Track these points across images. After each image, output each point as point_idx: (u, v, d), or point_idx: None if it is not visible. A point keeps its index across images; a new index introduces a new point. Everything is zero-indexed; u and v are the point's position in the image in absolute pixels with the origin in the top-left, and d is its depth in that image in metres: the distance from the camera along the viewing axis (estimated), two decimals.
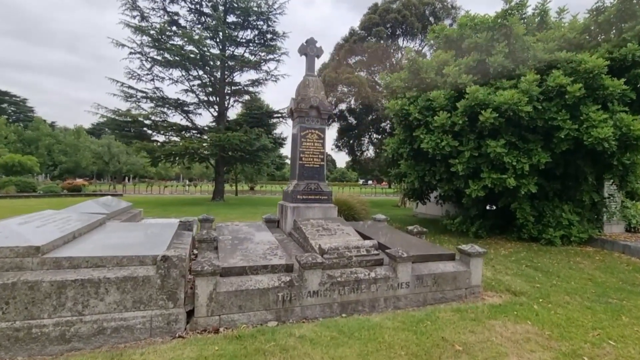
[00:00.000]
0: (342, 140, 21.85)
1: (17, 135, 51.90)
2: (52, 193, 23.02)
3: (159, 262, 3.38)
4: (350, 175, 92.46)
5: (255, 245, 4.71)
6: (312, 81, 6.31)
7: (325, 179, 6.31)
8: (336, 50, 19.78)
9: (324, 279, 3.94)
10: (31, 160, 24.82)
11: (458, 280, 4.58)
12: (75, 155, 57.19)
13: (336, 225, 5.46)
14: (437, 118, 7.96)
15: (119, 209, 6.86)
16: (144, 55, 16.82)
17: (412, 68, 8.93)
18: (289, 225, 5.87)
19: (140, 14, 16.43)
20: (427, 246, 5.19)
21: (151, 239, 4.42)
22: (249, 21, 18.32)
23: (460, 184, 8.39)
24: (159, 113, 18.70)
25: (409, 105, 8.62)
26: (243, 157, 21.11)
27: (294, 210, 5.84)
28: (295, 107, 6.04)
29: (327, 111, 6.25)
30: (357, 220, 9.68)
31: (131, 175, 72.29)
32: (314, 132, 6.20)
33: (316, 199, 6.10)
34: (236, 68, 19.39)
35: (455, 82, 8.31)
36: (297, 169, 6.11)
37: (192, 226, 5.89)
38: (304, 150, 6.13)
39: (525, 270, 5.96)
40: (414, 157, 9.47)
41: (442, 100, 8.12)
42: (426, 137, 8.23)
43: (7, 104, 60.09)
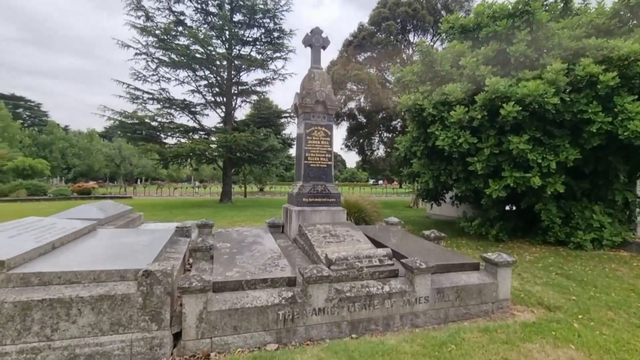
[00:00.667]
0: (352, 140, 21.30)
1: (32, 139, 52.95)
2: (62, 196, 23.05)
3: (140, 277, 2.94)
4: (360, 176, 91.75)
5: (255, 255, 4.25)
6: (318, 74, 5.82)
7: (333, 180, 5.82)
8: (344, 47, 19.24)
9: (331, 294, 3.45)
10: (42, 164, 24.97)
11: (484, 294, 4.03)
12: (88, 159, 58.03)
13: (345, 231, 4.96)
14: (454, 113, 7.39)
15: (116, 213, 6.49)
16: (149, 56, 16.62)
17: (425, 60, 8.37)
18: (294, 231, 5.39)
19: (145, 14, 16.22)
20: (448, 254, 4.65)
21: (140, 249, 3.99)
22: (255, 19, 17.96)
23: (479, 183, 7.80)
24: (166, 114, 18.49)
25: (422, 100, 8.06)
26: (251, 158, 20.77)
27: (299, 215, 5.36)
28: (300, 102, 5.56)
29: (335, 106, 5.75)
30: (369, 224, 9.16)
31: (143, 178, 73.10)
32: (320, 129, 5.72)
33: (323, 201, 5.61)
34: (243, 67, 19.06)
35: (472, 74, 7.73)
36: (302, 169, 5.64)
37: (189, 232, 5.47)
38: (310, 149, 5.65)
39: (557, 279, 5.36)
40: (428, 156, 8.91)
41: (458, 93, 7.54)
42: (442, 133, 7.67)
43: (23, 109, 61.35)
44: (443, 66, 8.22)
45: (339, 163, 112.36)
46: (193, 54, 16.05)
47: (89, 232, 4.68)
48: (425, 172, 8.91)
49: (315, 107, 5.68)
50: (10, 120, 48.24)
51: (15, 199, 20.89)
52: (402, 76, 8.74)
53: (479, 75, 7.59)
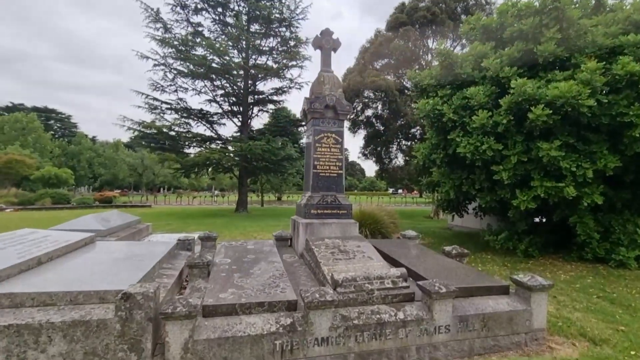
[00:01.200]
0: (369, 148, 20.81)
1: (62, 150, 55.21)
2: (84, 205, 23.60)
3: (119, 301, 2.62)
4: (379, 185, 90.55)
5: (255, 272, 3.88)
6: (328, 77, 5.48)
7: (343, 190, 5.41)
8: (361, 54, 18.94)
9: (337, 322, 3.02)
10: (67, 173, 25.77)
11: (515, 323, 3.49)
12: (113, 168, 59.95)
13: (356, 246, 4.53)
14: (476, 118, 6.86)
15: (121, 224, 6.31)
16: (167, 67, 16.84)
17: (444, 63, 7.90)
18: (301, 245, 5.00)
19: (164, 25, 16.49)
20: (472, 275, 4.13)
21: (131, 265, 3.70)
22: (272, 28, 17.96)
23: (505, 194, 7.19)
24: (183, 124, 18.64)
25: (442, 104, 7.58)
26: (267, 167, 20.63)
27: (306, 228, 4.97)
28: (308, 107, 5.22)
29: (345, 111, 5.38)
30: (385, 236, 8.67)
31: (165, 186, 74.81)
32: (330, 136, 5.34)
33: (333, 213, 5.20)
34: (259, 77, 19.05)
35: (496, 76, 7.20)
36: (310, 178, 5.26)
37: (192, 245, 5.17)
38: (319, 156, 5.27)
39: (599, 304, 4.71)
40: (449, 164, 8.36)
41: (481, 97, 7.02)
42: (463, 140, 7.14)
43: (54, 121, 64.30)
44: (464, 69, 7.72)
45: (358, 172, 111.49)
46: (209, 63, 16.14)
47: (85, 245, 4.45)
48: (445, 182, 8.36)
49: (324, 112, 5.32)
50: (42, 131, 50.66)
51: (40, 207, 21.53)
52: (419, 80, 8.29)
53: (504, 77, 7.06)
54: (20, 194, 23.10)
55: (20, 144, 43.15)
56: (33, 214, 18.02)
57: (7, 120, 47.53)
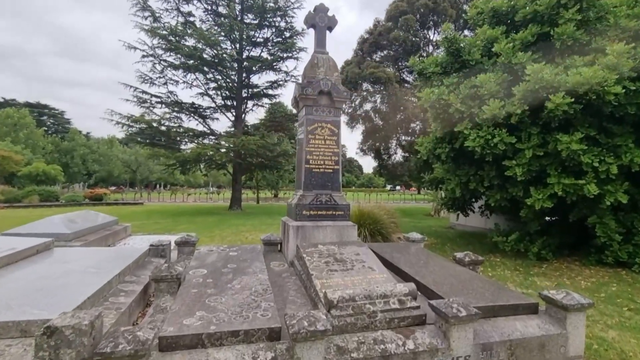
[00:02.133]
0: (368, 144, 20.15)
1: (55, 146, 54.21)
2: (74, 202, 22.84)
3: (40, 337, 1.96)
4: (377, 181, 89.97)
5: (234, 287, 3.23)
6: (323, 60, 4.81)
7: (340, 188, 4.76)
8: (359, 45, 18.19)
9: (331, 355, 2.39)
10: (55, 170, 24.99)
11: (547, 350, 2.88)
12: (107, 165, 59.03)
13: (354, 254, 3.89)
14: (487, 108, 6.22)
15: (91, 226, 5.64)
16: (156, 58, 16.08)
17: (451, 49, 7.24)
18: (291, 252, 4.36)
19: (152, 14, 15.70)
20: (491, 288, 3.50)
21: (81, 280, 3.05)
22: (266, 18, 17.19)
23: (517, 191, 6.57)
24: (174, 118, 17.91)
25: (448, 94, 6.93)
26: (263, 163, 19.99)
27: (297, 231, 4.33)
28: (300, 93, 4.55)
29: (342, 98, 4.72)
30: (386, 238, 8.05)
31: (162, 183, 73.88)
32: (325, 126, 4.69)
33: (328, 215, 4.56)
34: (253, 70, 18.33)
35: (508, 63, 6.55)
36: (302, 175, 4.61)
37: (166, 252, 4.52)
38: (312, 150, 4.62)
39: (633, 319, 4.10)
40: (454, 159, 7.73)
41: (492, 85, 6.38)
42: (472, 132, 6.51)
43: (47, 117, 63.20)
44: (472, 55, 7.07)
45: (356, 168, 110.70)
46: (199, 53, 15.40)
47: (37, 254, 3.79)
48: (451, 178, 7.74)
49: (318, 99, 4.66)
50: (33, 127, 49.67)
51: (27, 205, 20.75)
52: (423, 68, 7.63)
53: (517, 63, 6.42)
54: (6, 191, 22.31)
55: (11, 140, 42.25)
56: (17, 211, 17.29)
57: None
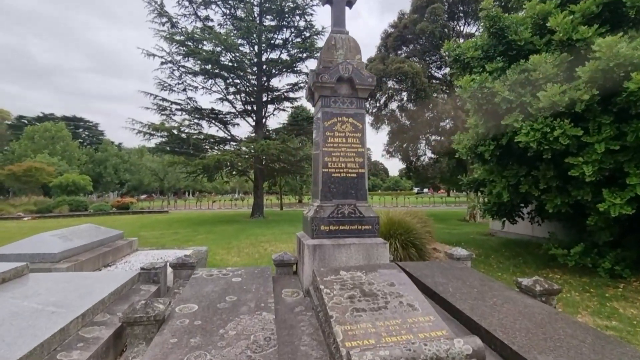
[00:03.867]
0: (394, 145, 19.01)
1: (89, 157, 56.55)
2: (101, 212, 23.18)
3: None
4: (404, 184, 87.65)
5: (228, 334, 2.41)
6: (342, 40, 3.95)
7: (367, 197, 3.85)
8: (383, 40, 17.20)
9: None
10: (85, 180, 25.59)
11: None
12: (138, 173, 60.92)
13: (387, 284, 2.97)
14: (543, 95, 5.12)
15: (86, 244, 5.04)
16: (175, 64, 15.85)
17: (493, 28, 6.17)
18: (307, 277, 3.49)
19: (169, 20, 15.48)
20: (587, 337, 2.47)
21: (32, 324, 2.32)
22: (284, 19, 16.59)
23: (583, 195, 5.39)
24: (194, 125, 17.63)
25: (492, 81, 5.86)
26: (285, 168, 19.37)
27: (314, 253, 3.46)
28: (315, 80, 3.71)
29: (367, 85, 3.82)
30: (420, 250, 7.01)
31: (190, 191, 75.45)
32: (347, 121, 3.81)
33: (352, 230, 3.66)
34: (273, 72, 17.78)
35: (567, 40, 5.42)
36: (320, 181, 3.75)
37: (159, 277, 3.78)
38: (331, 150, 3.75)
39: None
40: (500, 158, 6.61)
41: (548, 67, 5.27)
42: (524, 125, 5.40)
43: (82, 129, 66.21)
44: (520, 35, 5.97)
45: (381, 172, 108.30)
46: (216, 57, 14.98)
47: (3, 283, 3.15)
48: (496, 181, 6.62)
49: (337, 87, 3.80)
50: (69, 139, 52.07)
51: (57, 215, 21.20)
52: (461, 53, 6.59)
53: (579, 39, 5.27)
54: (39, 201, 22.96)
55: (48, 152, 44.32)
56: (45, 222, 17.53)
57: (37, 129, 49.04)
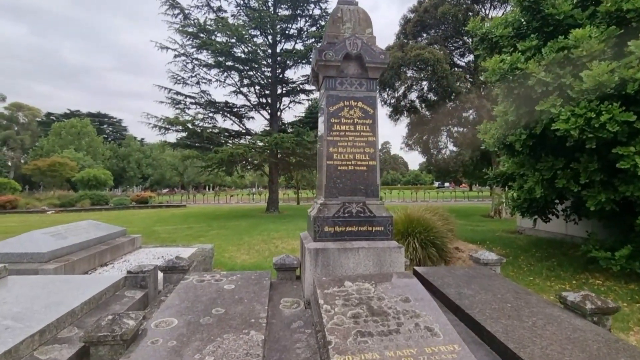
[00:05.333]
0: (414, 137, 18.20)
1: (113, 152, 58.15)
2: (122, 205, 23.58)
3: None
4: (424, 178, 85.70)
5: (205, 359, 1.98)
6: (349, 12, 3.42)
7: (378, 193, 3.33)
8: (402, 27, 16.32)
9: None
10: (105, 174, 26.11)
11: None
12: (160, 168, 62.22)
13: (401, 299, 2.46)
14: (588, 74, 4.41)
15: (82, 241, 4.77)
16: (188, 57, 15.63)
17: (527, 2, 5.44)
18: (309, 286, 3.03)
19: (182, 11, 15.24)
20: None
21: None
22: (298, 6, 16.03)
23: (634, 190, 4.66)
24: (208, 118, 17.44)
25: (525, 61, 5.17)
26: (301, 162, 18.95)
27: (316, 257, 2.99)
28: (319, 58, 3.20)
29: (379, 62, 3.28)
30: (440, 250, 6.44)
31: (210, 185, 76.53)
32: (355, 105, 3.30)
33: (361, 232, 3.16)
34: (288, 64, 17.31)
35: (616, 11, 4.67)
36: (324, 176, 3.26)
37: (146, 281, 3.41)
38: (337, 139, 3.25)
39: None
40: (532, 149, 5.91)
41: (593, 43, 4.54)
42: (563, 111, 4.71)
43: (106, 125, 68.10)
44: (559, 8, 5.23)
45: (401, 165, 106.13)
46: (229, 49, 14.64)
47: None
48: (528, 174, 5.93)
49: (344, 66, 3.28)
50: (94, 135, 53.64)
51: (79, 209, 21.67)
52: (487, 32, 5.90)
53: (631, 9, 4.52)
54: (62, 195, 23.56)
55: (74, 148, 45.77)
56: (66, 215, 17.86)
57: (64, 126, 50.71)
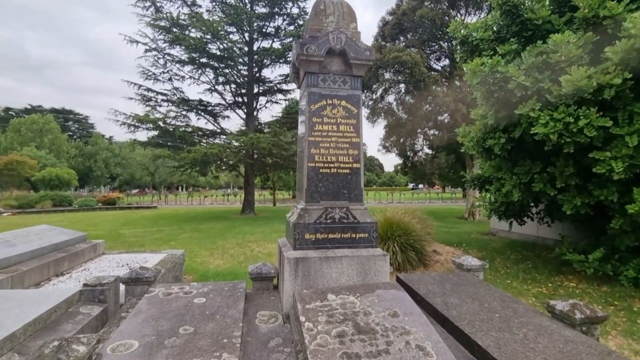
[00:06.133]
0: (391, 140, 18.30)
1: (78, 150, 55.13)
2: (87, 207, 22.29)
3: None
4: (399, 180, 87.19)
5: None
6: (333, 4, 3.22)
7: (362, 198, 3.14)
8: (380, 29, 16.37)
9: None
10: (69, 174, 24.58)
11: None
12: (130, 168, 59.65)
13: (389, 313, 2.27)
14: (566, 79, 4.44)
15: (34, 249, 4.30)
16: (160, 52, 14.94)
17: (506, 6, 5.46)
18: (287, 300, 2.79)
19: (153, 4, 14.53)
20: None
21: None
22: (276, 4, 15.72)
23: (608, 194, 4.74)
24: (181, 117, 16.77)
25: (505, 65, 5.17)
26: (277, 163, 18.62)
27: (296, 267, 2.76)
28: (300, 52, 2.98)
29: (363, 59, 3.10)
30: (420, 254, 6.38)
31: (183, 185, 74.26)
32: (339, 104, 3.10)
33: (344, 239, 2.97)
34: (265, 63, 16.96)
35: (593, 17, 4.74)
36: (305, 178, 3.04)
37: (106, 295, 3.05)
38: (319, 139, 3.04)
39: None
40: (511, 152, 5.95)
41: (572, 48, 4.58)
42: (542, 115, 4.73)
43: (72, 122, 64.61)
44: (537, 13, 5.27)
45: (377, 167, 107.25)
46: (203, 45, 14.13)
47: None
48: (506, 178, 5.96)
49: (327, 62, 3.08)
50: (58, 132, 50.61)
51: (39, 211, 20.27)
52: (468, 35, 5.89)
53: (607, 16, 4.60)
54: (20, 196, 21.97)
55: (36, 145, 42.98)
56: (25, 218, 16.61)
57: (24, 122, 47.57)
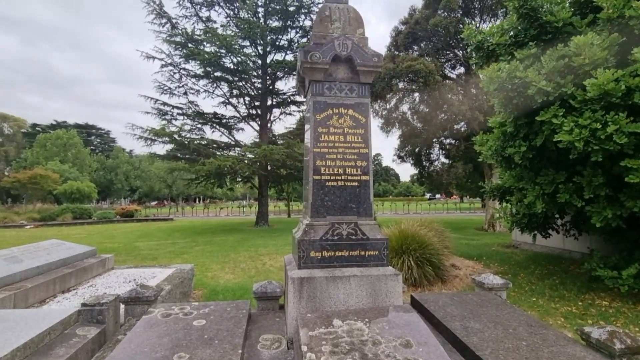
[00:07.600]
0: (406, 149, 17.99)
1: (100, 164, 56.92)
2: (105, 219, 22.74)
3: None
4: (415, 190, 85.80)
5: None
6: (338, 10, 3.09)
7: (372, 212, 2.94)
8: (393, 38, 16.28)
9: None
10: (89, 187, 25.28)
11: None
12: (149, 180, 61.05)
13: (399, 344, 2.05)
14: (592, 82, 4.15)
15: (40, 265, 4.26)
16: (175, 67, 15.27)
17: (523, 9, 5.23)
18: (291, 323, 2.60)
19: (169, 20, 14.93)
20: None
21: None
22: (289, 18, 15.90)
23: None
24: (196, 130, 17.01)
25: (524, 70, 4.92)
26: (291, 174, 18.58)
27: (300, 288, 2.57)
28: (304, 60, 2.85)
29: (371, 66, 2.94)
30: (437, 269, 6.07)
31: (201, 197, 75.32)
32: (345, 113, 2.94)
33: (353, 257, 2.76)
34: (278, 75, 17.10)
35: (618, 18, 4.46)
36: (310, 192, 2.87)
37: (104, 315, 2.94)
38: (324, 151, 2.88)
39: None
40: (532, 161, 5.62)
41: (595, 50, 4.30)
42: (566, 121, 4.43)
43: (94, 136, 66.94)
44: (558, 15, 5.02)
45: (392, 177, 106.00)
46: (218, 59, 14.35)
47: None
48: (528, 188, 5.63)
49: (333, 69, 2.94)
50: (81, 147, 52.45)
51: (60, 223, 20.79)
52: (483, 40, 5.67)
53: (633, 16, 4.31)
54: (43, 209, 22.66)
55: (60, 160, 44.59)
56: (45, 230, 17.05)
57: (49, 137, 49.52)
